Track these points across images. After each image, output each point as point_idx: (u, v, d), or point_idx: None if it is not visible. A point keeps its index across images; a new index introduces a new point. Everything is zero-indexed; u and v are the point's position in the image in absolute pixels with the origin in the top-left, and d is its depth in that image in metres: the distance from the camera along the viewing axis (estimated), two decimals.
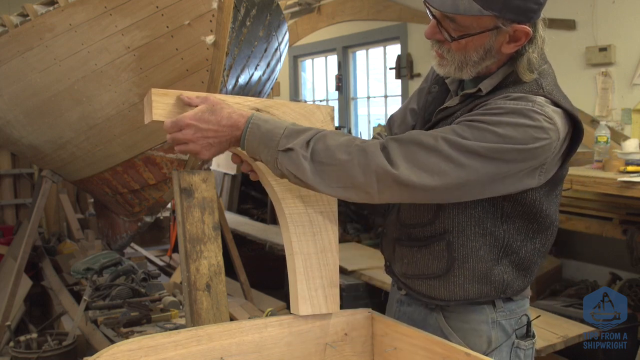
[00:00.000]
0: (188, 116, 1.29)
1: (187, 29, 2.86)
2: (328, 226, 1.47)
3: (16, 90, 3.63)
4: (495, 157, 1.24)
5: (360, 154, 1.25)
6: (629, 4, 4.14)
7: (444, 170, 1.24)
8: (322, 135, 1.29)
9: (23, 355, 3.28)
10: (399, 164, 1.24)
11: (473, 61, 1.35)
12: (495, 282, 1.44)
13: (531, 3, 1.28)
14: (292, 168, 1.28)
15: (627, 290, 3.64)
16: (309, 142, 1.28)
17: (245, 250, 5.33)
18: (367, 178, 1.25)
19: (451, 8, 1.27)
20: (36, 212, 4.03)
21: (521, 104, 1.28)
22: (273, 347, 1.40)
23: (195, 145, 1.30)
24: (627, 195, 3.12)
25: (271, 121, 1.32)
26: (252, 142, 1.30)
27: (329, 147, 1.27)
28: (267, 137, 1.29)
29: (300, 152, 1.27)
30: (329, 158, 1.26)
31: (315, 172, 1.27)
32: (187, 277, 2.25)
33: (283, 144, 1.28)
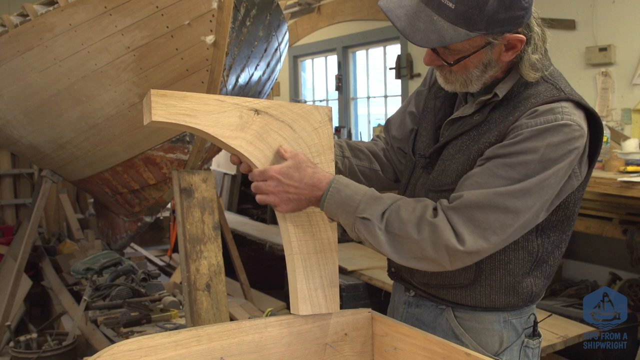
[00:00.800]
0: (274, 169, 1.36)
1: (187, 29, 2.86)
2: (327, 226, 1.47)
3: (16, 90, 3.63)
4: (544, 185, 1.29)
5: (431, 232, 1.29)
6: (629, 4, 4.14)
7: (507, 223, 1.28)
8: (397, 207, 1.34)
9: (23, 355, 3.28)
10: (465, 237, 1.28)
11: (476, 76, 1.36)
12: (523, 293, 1.45)
13: (515, 11, 1.27)
14: (369, 237, 1.34)
15: (627, 290, 3.64)
16: (384, 213, 1.33)
17: (245, 250, 5.33)
18: (438, 254, 1.30)
19: (437, 42, 1.27)
20: (36, 212, 4.03)
21: (550, 119, 1.29)
22: (273, 347, 1.40)
23: (275, 198, 1.37)
24: (627, 195, 3.12)
25: (351, 186, 1.37)
26: (331, 206, 1.37)
27: (403, 220, 1.32)
28: (346, 202, 1.35)
29: (376, 223, 1.32)
30: (402, 231, 1.31)
31: (389, 243, 1.33)
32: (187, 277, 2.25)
33: (361, 212, 1.34)
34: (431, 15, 1.26)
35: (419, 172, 1.54)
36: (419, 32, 1.27)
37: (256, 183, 1.39)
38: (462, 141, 1.41)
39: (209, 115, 1.33)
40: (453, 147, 1.43)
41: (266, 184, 1.37)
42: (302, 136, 1.44)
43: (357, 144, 1.69)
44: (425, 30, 1.27)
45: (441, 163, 1.45)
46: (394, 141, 1.69)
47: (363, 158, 1.67)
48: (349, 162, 1.64)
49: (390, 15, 1.29)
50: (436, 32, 1.26)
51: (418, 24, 1.27)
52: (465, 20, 1.24)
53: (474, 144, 1.38)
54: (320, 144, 1.46)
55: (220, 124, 1.34)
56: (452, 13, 1.24)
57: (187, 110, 1.31)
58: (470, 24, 1.25)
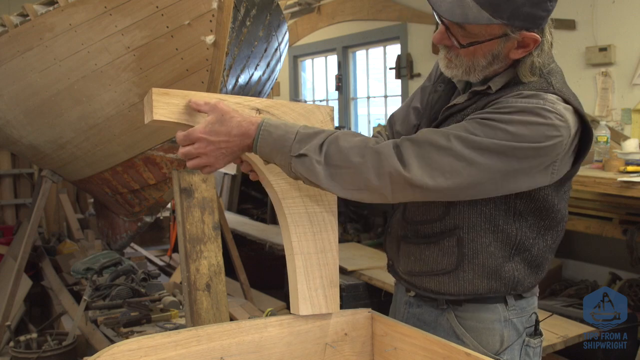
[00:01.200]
0: (199, 130, 1.30)
1: (187, 29, 2.86)
2: (328, 226, 1.47)
3: (16, 90, 3.63)
4: (508, 154, 1.25)
5: (374, 157, 1.26)
6: (629, 4, 4.14)
7: (457, 170, 1.25)
8: (335, 138, 1.30)
9: (23, 355, 3.28)
10: (411, 165, 1.25)
11: (481, 66, 1.36)
12: (505, 278, 1.44)
13: (540, 10, 1.27)
14: (306, 173, 1.30)
15: (627, 290, 3.64)
16: (321, 145, 1.29)
17: (245, 250, 5.32)
18: (381, 181, 1.26)
19: (460, 17, 1.27)
20: (36, 212, 4.03)
21: (533, 101, 1.28)
22: (273, 347, 1.40)
23: (209, 158, 1.32)
24: (627, 195, 3.12)
25: (282, 126, 1.32)
26: (265, 149, 1.32)
27: (342, 149, 1.28)
28: (279, 143, 1.30)
29: (313, 157, 1.28)
30: (343, 161, 1.27)
31: (329, 175, 1.28)
32: (187, 277, 2.25)
33: (296, 150, 1.29)
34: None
35: None
36: (445, 2, 1.27)
37: (184, 148, 1.32)
38: (448, 124, 1.40)
39: None
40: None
41: (195, 147, 1.31)
42: None
43: None
44: (451, 3, 1.27)
45: None
46: (397, 136, 1.69)
47: None
48: None
49: None
50: (461, 7, 1.26)
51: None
52: (491, 5, 1.24)
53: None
54: None
55: None
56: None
57: (188, 110, 1.31)
58: (495, 10, 1.25)
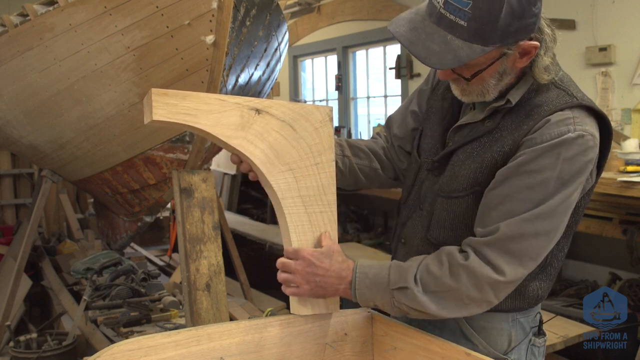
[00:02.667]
0: (308, 251, 1.40)
1: (187, 29, 2.86)
2: (328, 226, 1.47)
3: (16, 90, 3.63)
4: (568, 201, 1.30)
5: (467, 275, 1.30)
6: (629, 4, 4.14)
7: (540, 246, 1.31)
8: (425, 266, 1.35)
9: (23, 355, 3.28)
10: (503, 267, 1.30)
11: (492, 85, 1.35)
12: (529, 297, 1.46)
13: (527, 19, 1.26)
14: (411, 303, 1.34)
15: (627, 290, 3.64)
16: (415, 276, 1.34)
17: (245, 250, 5.33)
18: (482, 293, 1.32)
19: (453, 62, 1.26)
20: (36, 212, 4.03)
21: (563, 130, 1.28)
22: (273, 347, 1.40)
23: (300, 279, 1.40)
24: (627, 195, 3.12)
25: (374, 265, 1.40)
26: (363, 289, 1.38)
27: (436, 276, 1.33)
28: (376, 281, 1.37)
29: (414, 288, 1.33)
30: (440, 286, 1.32)
31: (433, 302, 1.33)
32: (187, 277, 2.25)
33: (394, 282, 1.35)
34: (444, 36, 1.25)
35: (424, 174, 1.53)
36: (434, 55, 1.26)
37: (284, 260, 1.41)
38: (473, 147, 1.40)
39: (210, 115, 1.33)
40: (463, 153, 1.42)
41: (296, 263, 1.40)
42: (303, 136, 1.43)
43: (356, 143, 1.69)
44: (440, 52, 1.25)
45: (451, 168, 1.44)
46: (395, 139, 1.69)
47: (363, 157, 1.67)
48: (349, 161, 1.64)
49: (403, 40, 1.28)
50: (451, 52, 1.25)
51: (432, 47, 1.26)
52: (479, 36, 1.23)
53: (486, 151, 1.37)
54: (320, 143, 1.46)
55: (221, 123, 1.34)
56: (465, 31, 1.23)
57: (188, 110, 1.31)
58: (484, 39, 1.24)
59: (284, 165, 1.41)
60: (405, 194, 1.60)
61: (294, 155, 1.42)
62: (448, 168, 1.45)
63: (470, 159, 1.40)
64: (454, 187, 1.42)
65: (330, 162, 1.47)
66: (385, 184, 1.73)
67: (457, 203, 1.41)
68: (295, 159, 1.42)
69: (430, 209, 1.48)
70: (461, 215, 1.41)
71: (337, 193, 1.50)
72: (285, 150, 1.41)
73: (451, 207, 1.42)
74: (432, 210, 1.47)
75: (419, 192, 1.54)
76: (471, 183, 1.38)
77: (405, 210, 1.59)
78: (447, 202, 1.42)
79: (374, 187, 1.75)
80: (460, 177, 1.40)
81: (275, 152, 1.40)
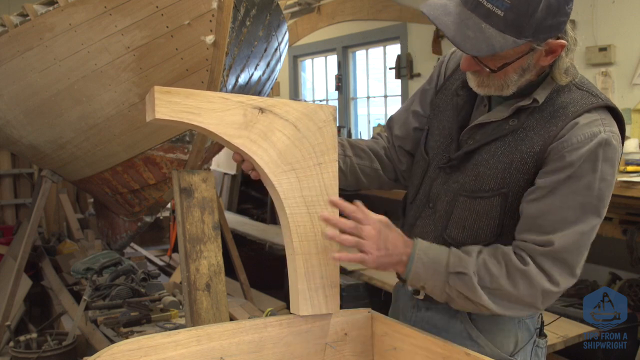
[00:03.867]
0: (378, 216, 1.36)
1: (187, 29, 2.86)
2: (329, 226, 1.46)
3: (16, 90, 3.63)
4: (605, 196, 1.34)
5: (525, 283, 1.33)
6: (629, 4, 4.15)
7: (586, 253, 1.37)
8: (483, 261, 1.35)
9: (23, 355, 3.28)
10: (558, 279, 1.33)
11: (514, 80, 1.35)
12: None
13: (560, 17, 1.26)
14: (467, 290, 1.35)
15: (627, 290, 3.64)
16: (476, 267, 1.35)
17: (245, 250, 5.33)
18: (534, 299, 1.35)
19: (487, 50, 1.26)
20: (36, 212, 4.03)
21: (595, 131, 1.30)
22: (273, 347, 1.40)
23: (373, 246, 1.33)
24: (627, 195, 3.12)
25: (433, 246, 1.39)
26: (419, 267, 1.36)
27: (493, 275, 1.34)
28: (435, 261, 1.36)
29: (473, 277, 1.34)
30: (496, 286, 1.34)
31: (488, 296, 1.35)
32: (187, 277, 2.25)
33: (453, 267, 1.35)
34: (479, 23, 1.25)
35: (434, 172, 1.52)
36: (468, 41, 1.26)
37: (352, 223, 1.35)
38: (497, 147, 1.39)
39: (213, 113, 1.31)
40: (487, 153, 1.41)
41: (367, 227, 1.34)
42: (306, 135, 1.42)
43: (358, 143, 1.68)
44: (475, 39, 1.25)
45: (474, 168, 1.42)
46: (396, 140, 1.68)
47: (364, 157, 1.66)
48: (350, 161, 1.63)
49: (438, 23, 1.28)
50: (485, 40, 1.25)
51: (467, 32, 1.26)
52: (514, 28, 1.23)
53: (514, 151, 1.37)
54: (324, 143, 1.44)
55: (224, 122, 1.32)
56: (501, 21, 1.23)
57: (191, 108, 1.29)
58: (519, 32, 1.24)
59: (286, 165, 1.40)
60: (413, 193, 1.59)
61: (297, 155, 1.41)
62: (470, 167, 1.43)
63: (494, 159, 1.39)
64: (479, 187, 1.41)
65: (333, 162, 1.46)
66: (385, 185, 1.72)
67: (481, 203, 1.40)
68: (298, 158, 1.41)
69: (448, 208, 1.47)
70: (484, 216, 1.41)
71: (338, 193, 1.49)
72: (288, 150, 1.40)
73: (474, 207, 1.42)
74: (451, 210, 1.46)
75: (428, 190, 1.52)
76: (498, 184, 1.38)
77: (413, 210, 1.58)
78: (470, 201, 1.42)
79: (374, 188, 1.74)
80: (486, 177, 1.40)
81: (278, 151, 1.39)
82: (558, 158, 1.31)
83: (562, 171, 1.31)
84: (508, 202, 1.38)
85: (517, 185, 1.37)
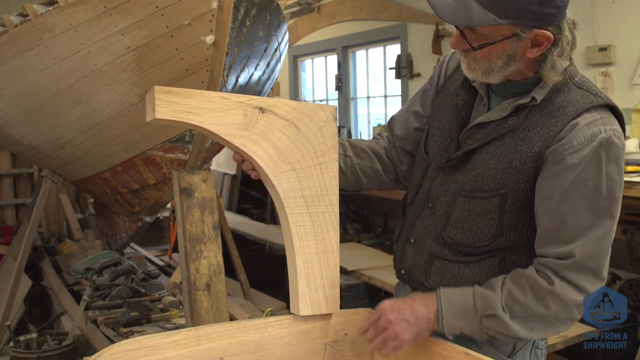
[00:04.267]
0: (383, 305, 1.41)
1: (187, 29, 2.86)
2: (329, 227, 1.46)
3: (16, 90, 3.63)
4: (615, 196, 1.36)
5: (557, 302, 1.33)
6: (629, 4, 4.14)
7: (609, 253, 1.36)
8: (508, 292, 1.35)
9: (23, 355, 3.28)
10: (587, 287, 1.34)
11: (498, 67, 1.35)
12: None
13: (548, 7, 1.25)
14: (503, 329, 1.35)
15: (627, 290, 3.64)
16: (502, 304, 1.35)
17: (245, 250, 5.33)
18: (569, 313, 1.35)
19: (465, 21, 1.26)
20: (36, 212, 4.03)
21: (595, 131, 1.30)
22: (273, 347, 1.40)
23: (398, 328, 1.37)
24: (627, 195, 3.12)
25: (457, 291, 1.40)
26: (450, 318, 1.37)
27: (522, 303, 1.34)
28: (464, 308, 1.37)
29: (503, 316, 1.34)
30: (528, 313, 1.35)
31: (523, 327, 1.35)
32: (187, 277, 2.25)
33: (482, 310, 1.36)
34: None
35: (434, 172, 1.52)
36: (447, 7, 1.27)
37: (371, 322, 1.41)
38: (497, 147, 1.39)
39: (213, 113, 1.31)
40: (486, 152, 1.40)
41: (383, 318, 1.39)
42: (306, 135, 1.42)
43: (358, 143, 1.68)
44: (454, 8, 1.26)
45: (473, 168, 1.42)
46: (397, 140, 1.68)
47: (365, 157, 1.66)
48: (350, 162, 1.63)
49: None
50: (465, 11, 1.25)
51: (449, 1, 1.27)
52: (496, 5, 1.24)
53: (513, 151, 1.36)
54: (324, 143, 1.44)
55: (224, 122, 1.32)
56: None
57: (191, 108, 1.29)
58: (500, 10, 1.24)
59: (287, 165, 1.40)
60: (413, 193, 1.58)
61: (297, 155, 1.41)
62: (469, 167, 1.43)
63: (494, 159, 1.39)
64: (478, 187, 1.41)
65: (334, 162, 1.46)
66: (386, 185, 1.72)
67: (480, 204, 1.40)
68: (298, 158, 1.41)
69: (447, 208, 1.46)
70: (483, 216, 1.41)
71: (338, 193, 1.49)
72: (289, 150, 1.40)
73: (473, 207, 1.42)
74: (450, 210, 1.46)
75: (427, 190, 1.52)
76: (497, 184, 1.38)
77: (412, 210, 1.57)
78: (469, 201, 1.42)
79: (374, 188, 1.73)
80: (485, 177, 1.39)
81: (279, 151, 1.39)
82: (558, 161, 1.30)
83: (563, 174, 1.30)
84: (507, 203, 1.38)
85: (516, 186, 1.36)
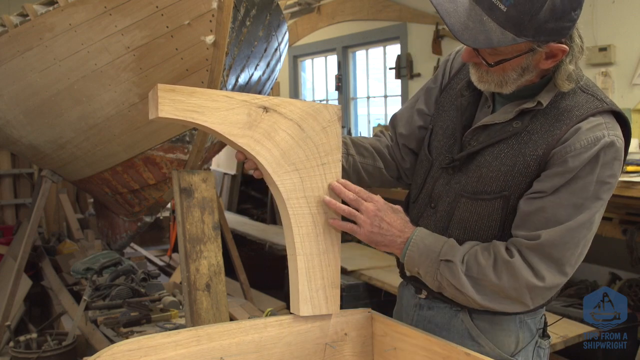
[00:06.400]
0: (382, 199, 1.43)
1: (187, 29, 2.86)
2: (331, 227, 1.46)
3: (16, 90, 3.63)
4: (603, 204, 1.35)
5: (508, 275, 1.33)
6: (629, 4, 4.15)
7: (580, 253, 1.36)
8: (475, 252, 1.38)
9: (23, 355, 3.28)
10: (543, 273, 1.33)
11: (512, 79, 1.35)
12: None
13: (564, 22, 1.26)
14: (452, 279, 1.37)
15: (627, 290, 3.64)
16: (463, 257, 1.38)
17: (245, 250, 5.33)
18: (519, 293, 1.35)
19: (485, 43, 1.26)
20: (36, 212, 4.03)
21: (599, 135, 1.30)
22: (273, 347, 1.40)
23: (367, 220, 1.41)
24: (627, 195, 3.12)
25: (433, 235, 1.44)
26: (414, 252, 1.42)
27: (480, 264, 1.36)
28: (429, 248, 1.40)
29: (459, 265, 1.37)
30: (481, 275, 1.36)
31: (472, 285, 1.37)
32: (187, 277, 2.25)
33: (443, 255, 1.38)
34: (481, 15, 1.25)
35: (437, 173, 1.52)
36: (467, 31, 1.26)
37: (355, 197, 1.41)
38: (500, 149, 1.39)
39: (216, 112, 1.30)
40: (490, 154, 1.41)
41: (367, 203, 1.41)
42: (310, 135, 1.41)
43: (360, 141, 1.67)
44: (473, 30, 1.26)
45: (476, 169, 1.42)
46: (400, 138, 1.68)
47: (367, 155, 1.65)
48: (352, 160, 1.62)
49: (440, 9, 1.28)
50: (484, 32, 1.25)
51: (467, 22, 1.26)
52: (514, 25, 1.23)
53: (517, 154, 1.37)
54: (328, 143, 1.43)
55: (228, 121, 1.31)
56: (502, 16, 1.23)
57: (194, 107, 1.28)
58: (519, 29, 1.24)
59: (290, 165, 1.39)
60: (415, 193, 1.59)
61: (300, 155, 1.40)
62: (472, 168, 1.43)
63: (497, 161, 1.39)
64: (481, 189, 1.41)
65: (337, 163, 1.45)
66: (388, 183, 1.72)
67: (482, 205, 1.40)
68: (301, 158, 1.40)
69: (449, 209, 1.47)
70: (485, 218, 1.41)
71: None
72: (292, 150, 1.39)
73: (475, 208, 1.42)
74: (452, 210, 1.46)
75: (430, 190, 1.53)
76: (500, 187, 1.38)
77: (415, 210, 1.58)
78: (471, 203, 1.42)
79: (376, 186, 1.73)
80: (488, 179, 1.40)
81: (282, 151, 1.38)
82: (560, 162, 1.31)
83: (563, 175, 1.31)
84: (509, 205, 1.38)
85: (519, 189, 1.37)
